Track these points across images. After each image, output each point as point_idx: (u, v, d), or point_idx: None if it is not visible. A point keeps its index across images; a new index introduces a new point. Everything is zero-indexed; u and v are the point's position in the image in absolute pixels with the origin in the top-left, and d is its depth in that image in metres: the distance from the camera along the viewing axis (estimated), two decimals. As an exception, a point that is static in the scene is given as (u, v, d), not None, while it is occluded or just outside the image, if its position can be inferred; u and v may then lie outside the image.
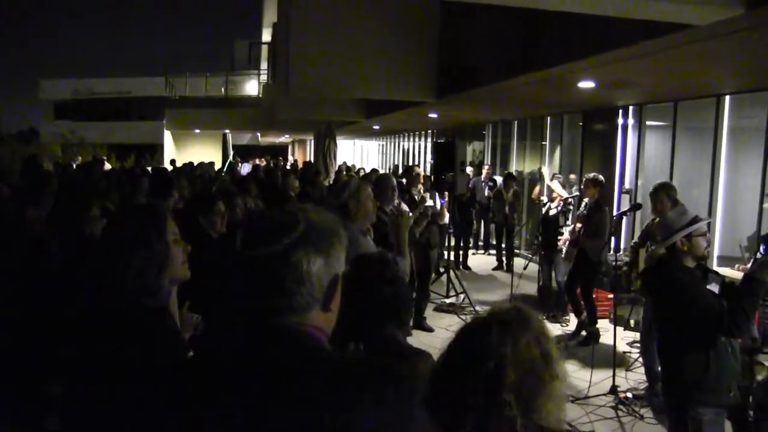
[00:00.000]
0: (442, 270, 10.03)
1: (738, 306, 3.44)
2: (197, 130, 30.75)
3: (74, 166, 16.10)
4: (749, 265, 6.56)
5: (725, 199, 8.67)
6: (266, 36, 25.61)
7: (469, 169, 13.73)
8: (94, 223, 3.46)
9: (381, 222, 4.84)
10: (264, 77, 27.27)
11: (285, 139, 38.78)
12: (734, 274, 6.86)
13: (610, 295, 8.53)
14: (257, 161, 28.22)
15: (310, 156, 30.34)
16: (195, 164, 18.37)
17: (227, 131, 27.18)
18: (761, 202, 7.82)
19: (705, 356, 3.54)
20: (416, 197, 8.52)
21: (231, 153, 25.34)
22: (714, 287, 3.74)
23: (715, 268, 8.05)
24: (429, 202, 9.03)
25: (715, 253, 8.59)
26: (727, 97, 8.54)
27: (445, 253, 10.42)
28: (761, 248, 3.66)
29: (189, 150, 30.61)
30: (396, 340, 2.51)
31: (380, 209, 5.28)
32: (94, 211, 3.52)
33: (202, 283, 3.37)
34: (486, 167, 14.09)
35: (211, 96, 30.56)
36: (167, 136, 31.24)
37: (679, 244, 3.71)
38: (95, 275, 2.29)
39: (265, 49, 26.54)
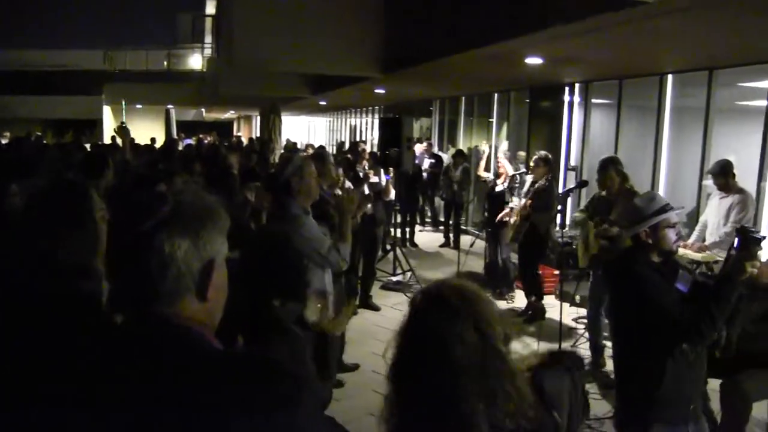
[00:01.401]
0: (388, 247, 9.96)
1: (705, 310, 2.94)
2: (139, 105, 29.94)
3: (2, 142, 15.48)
4: (714, 251, 6.63)
5: (667, 176, 8.79)
6: (210, 8, 25.02)
7: (418, 146, 13.69)
8: (12, 199, 3.27)
9: (322, 200, 4.71)
10: (208, 51, 26.65)
11: (230, 115, 38.16)
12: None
13: (556, 272, 8.60)
14: (201, 137, 27.64)
15: (256, 132, 29.87)
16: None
17: (171, 107, 26.53)
18: (701, 179, 7.93)
19: (660, 366, 3.07)
20: (361, 174, 8.41)
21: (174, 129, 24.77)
22: (683, 287, 3.26)
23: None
24: (374, 179, 8.94)
25: (658, 229, 8.69)
26: (670, 76, 8.63)
27: (392, 230, 10.33)
28: (735, 242, 3.08)
29: (131, 126, 29.69)
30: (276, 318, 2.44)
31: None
32: (13, 187, 3.31)
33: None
34: (426, 142, 14.06)
35: (153, 70, 29.71)
36: (107, 111, 30.35)
37: (642, 236, 3.22)
38: (18, 255, 2.12)
39: (209, 21, 25.91)
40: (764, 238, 3.06)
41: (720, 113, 8.04)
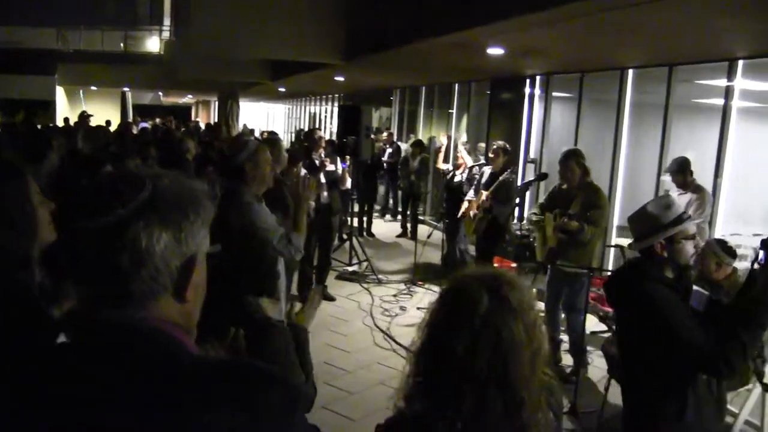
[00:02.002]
0: (345, 237, 9.83)
1: (734, 338, 2.53)
2: (94, 87, 29.16)
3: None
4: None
5: (626, 170, 8.82)
6: (169, -10, 24.51)
7: (384, 135, 13.68)
8: None
9: (276, 187, 4.54)
10: (167, 34, 26.09)
11: (188, 99, 37.54)
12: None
13: (513, 264, 8.57)
14: (159, 122, 27.09)
15: (214, 118, 29.41)
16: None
17: (127, 89, 25.93)
18: (659, 174, 7.96)
19: (681, 399, 2.71)
20: (317, 162, 8.26)
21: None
22: (697, 305, 2.92)
23: (614, 239, 8.24)
24: (330, 167, 8.80)
25: (615, 223, 8.74)
26: (630, 71, 8.65)
27: (348, 219, 10.20)
28: (761, 256, 2.73)
29: (85, 108, 28.97)
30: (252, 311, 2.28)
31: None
32: None
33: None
34: (386, 132, 13.98)
35: (109, 51, 28.89)
36: (59, 92, 29.48)
37: (657, 248, 2.79)
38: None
39: (167, 3, 25.36)
40: None
41: (678, 110, 8.08)
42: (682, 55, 7.47)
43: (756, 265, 2.71)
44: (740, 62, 7.09)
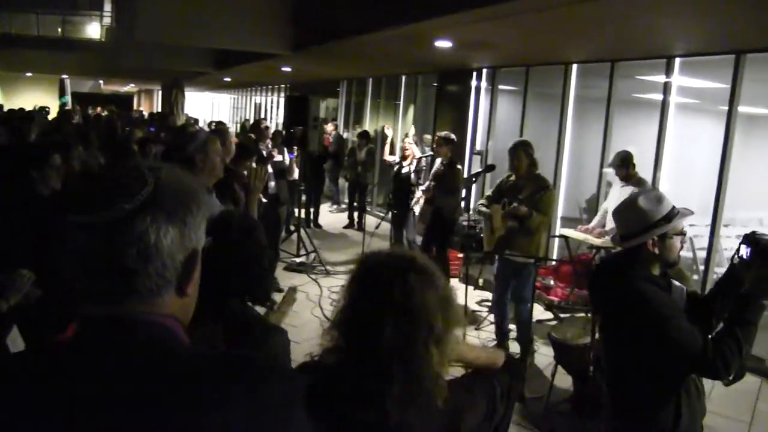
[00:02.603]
0: (292, 228, 9.79)
1: (731, 337, 2.46)
2: (29, 74, 28.23)
3: None
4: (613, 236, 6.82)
5: (569, 163, 9.02)
6: (110, -25, 23.88)
7: (329, 126, 13.66)
8: None
9: (226, 177, 4.51)
10: (107, 20, 25.38)
11: (130, 88, 36.69)
12: (577, 235, 7.17)
13: (460, 254, 8.69)
14: (99, 110, 26.37)
15: (157, 107, 28.80)
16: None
17: (65, 76, 25.13)
18: (601, 167, 8.17)
19: (676, 402, 2.59)
20: (264, 153, 8.21)
21: (69, 99, 23.40)
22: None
23: (558, 229, 8.43)
24: (278, 158, 8.76)
25: (559, 214, 8.95)
26: (575, 66, 8.84)
27: (295, 210, 10.16)
28: (745, 252, 2.60)
29: (20, 95, 28.06)
30: (249, 312, 2.24)
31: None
32: None
33: (31, 247, 2.95)
34: (332, 123, 13.99)
35: (45, 36, 27.92)
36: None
37: (649, 246, 2.64)
38: None
39: (108, -12, 24.73)
40: None
41: (619, 104, 8.30)
42: (624, 52, 7.67)
43: (735, 260, 2.67)
44: (677, 60, 7.33)
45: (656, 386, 2.61)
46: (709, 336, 2.54)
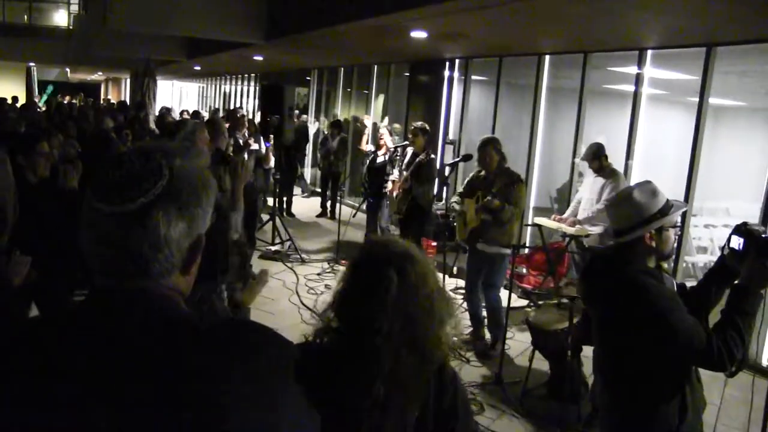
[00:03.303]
0: (266, 217, 9.78)
1: (733, 328, 2.45)
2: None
3: None
4: (585, 226, 6.93)
5: (542, 153, 9.14)
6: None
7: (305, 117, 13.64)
8: None
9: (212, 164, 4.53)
10: (75, 8, 24.87)
11: (98, 76, 36.03)
12: (551, 224, 7.29)
13: (434, 243, 8.77)
14: (68, 99, 25.89)
15: (125, 95, 28.39)
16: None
17: (32, 64, 24.59)
18: (574, 157, 8.30)
19: (681, 396, 2.56)
20: (241, 141, 8.19)
21: (47, 91, 22.84)
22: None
23: (531, 219, 8.56)
24: (254, 146, 8.74)
25: (531, 204, 9.07)
26: (547, 57, 8.93)
27: (269, 199, 10.14)
28: (738, 243, 2.62)
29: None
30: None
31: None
32: None
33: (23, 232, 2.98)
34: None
35: (10, 23, 27.26)
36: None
37: (647, 239, 2.62)
38: None
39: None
40: None
41: (592, 95, 8.43)
42: (596, 43, 7.78)
43: (726, 251, 2.68)
44: (649, 52, 7.46)
45: (660, 380, 2.58)
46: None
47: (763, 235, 2.56)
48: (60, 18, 28.24)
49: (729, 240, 2.66)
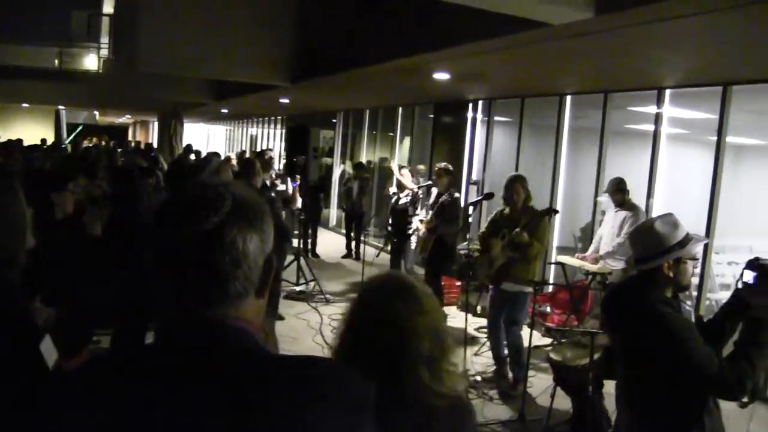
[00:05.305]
0: (291, 257, 9.90)
1: (746, 360, 2.51)
2: (26, 105, 28.38)
3: None
4: (608, 261, 6.96)
5: (564, 193, 9.20)
6: (107, 7, 24.13)
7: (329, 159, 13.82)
8: None
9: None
10: (104, 51, 25.53)
11: (126, 119, 36.83)
12: (574, 261, 7.33)
13: (458, 282, 8.82)
14: (96, 141, 26.47)
15: (153, 138, 28.95)
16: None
17: (61, 107, 25.21)
18: (595, 196, 8.35)
19: (700, 425, 2.64)
20: (268, 182, 8.35)
21: (74, 132, 23.43)
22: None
23: (554, 257, 8.58)
24: (281, 187, 8.90)
25: (554, 243, 9.10)
26: (568, 97, 9.05)
27: (294, 240, 10.25)
28: (751, 278, 2.69)
29: (16, 126, 28.12)
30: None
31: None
32: None
33: (50, 271, 3.08)
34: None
35: (43, 67, 28.10)
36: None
37: (665, 269, 2.71)
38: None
39: (105, 21, 24.88)
40: None
41: (612, 134, 8.50)
42: (616, 83, 7.90)
43: (740, 285, 2.75)
44: (667, 91, 7.55)
45: (679, 408, 2.66)
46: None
47: None
48: (90, 62, 28.99)
49: (742, 275, 2.73)
